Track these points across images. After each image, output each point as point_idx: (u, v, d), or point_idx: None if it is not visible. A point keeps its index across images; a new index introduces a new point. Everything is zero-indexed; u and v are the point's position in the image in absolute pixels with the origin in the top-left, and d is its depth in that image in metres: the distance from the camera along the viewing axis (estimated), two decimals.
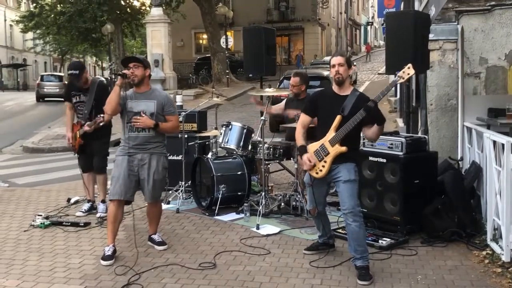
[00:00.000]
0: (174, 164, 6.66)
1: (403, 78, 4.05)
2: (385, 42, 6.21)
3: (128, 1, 33.06)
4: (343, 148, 4.17)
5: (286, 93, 6.63)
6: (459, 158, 6.12)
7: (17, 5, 48.45)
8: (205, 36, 34.06)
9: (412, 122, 7.91)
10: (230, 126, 6.27)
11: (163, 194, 6.13)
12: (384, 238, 4.91)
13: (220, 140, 6.32)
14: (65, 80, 27.99)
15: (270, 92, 6.18)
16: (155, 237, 5.03)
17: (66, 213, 6.18)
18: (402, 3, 12.29)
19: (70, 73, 5.94)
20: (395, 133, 5.54)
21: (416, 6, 8.45)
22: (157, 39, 24.78)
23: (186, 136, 6.64)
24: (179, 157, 6.70)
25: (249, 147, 6.27)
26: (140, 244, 5.03)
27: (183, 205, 6.32)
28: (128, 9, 32.95)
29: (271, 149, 6.20)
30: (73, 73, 5.86)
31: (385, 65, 5.96)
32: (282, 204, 6.03)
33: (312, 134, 4.45)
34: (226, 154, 6.68)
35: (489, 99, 6.50)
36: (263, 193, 5.90)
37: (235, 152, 6.34)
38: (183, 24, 32.08)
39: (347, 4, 54.92)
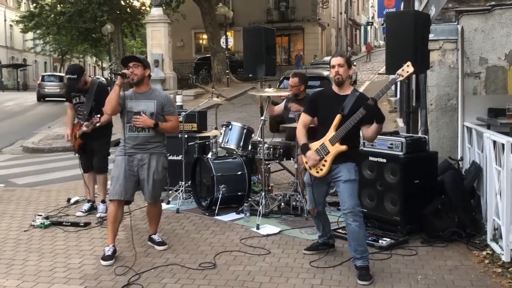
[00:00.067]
0: (174, 164, 6.67)
1: (403, 76, 4.05)
2: (385, 42, 6.20)
3: (128, 1, 33.05)
4: (343, 147, 4.17)
5: (286, 93, 6.62)
6: (459, 158, 6.12)
7: (17, 5, 48.45)
8: (205, 36, 34.07)
9: (412, 122, 7.91)
10: (230, 126, 6.27)
11: (164, 195, 6.14)
12: (384, 238, 4.91)
13: (220, 140, 6.32)
14: (65, 81, 28.03)
15: (270, 92, 6.18)
16: (155, 237, 5.03)
17: (66, 213, 6.18)
18: (402, 3, 12.30)
19: (68, 77, 5.89)
20: (395, 133, 5.54)
21: (416, 6, 8.45)
22: (157, 39, 24.78)
23: (186, 136, 6.64)
24: (179, 157, 6.70)
25: (249, 147, 6.27)
26: (140, 244, 5.04)
27: (183, 205, 6.32)
28: (128, 9, 32.94)
29: (271, 149, 6.20)
30: (71, 77, 5.83)
31: (385, 65, 5.95)
32: (282, 204, 6.04)
33: (312, 134, 4.45)
34: (226, 154, 6.68)
35: (489, 99, 6.50)
36: (263, 193, 5.90)
37: (235, 152, 6.34)
38: (183, 24, 32.07)
39: (347, 4, 54.92)
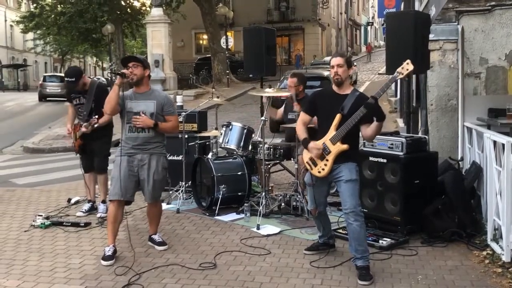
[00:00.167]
0: (175, 164, 6.67)
1: (402, 74, 4.05)
2: (385, 42, 6.21)
3: (128, 2, 33.08)
4: (345, 146, 4.17)
5: (286, 93, 6.62)
6: (459, 158, 6.12)
7: (17, 5, 48.43)
8: (205, 36, 34.08)
9: (413, 122, 7.90)
10: (230, 126, 6.27)
11: (165, 195, 6.14)
12: (385, 238, 4.91)
13: (221, 141, 6.33)
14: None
15: (270, 92, 6.18)
16: (156, 237, 5.03)
17: (67, 213, 6.18)
18: (402, 3, 12.29)
19: (67, 80, 5.87)
20: (396, 133, 5.54)
21: (417, 6, 8.46)
22: (158, 40, 24.79)
23: (186, 136, 6.65)
24: (180, 158, 6.71)
25: (250, 147, 6.27)
26: (141, 244, 5.04)
27: (184, 205, 6.32)
28: (129, 9, 32.96)
29: (272, 150, 6.20)
30: (69, 80, 5.81)
31: (386, 66, 5.96)
32: (283, 204, 6.04)
33: (312, 135, 4.45)
34: (227, 155, 6.68)
35: (489, 99, 6.51)
36: (263, 193, 5.90)
37: (235, 153, 6.34)
38: (183, 24, 32.06)
39: (347, 4, 54.91)
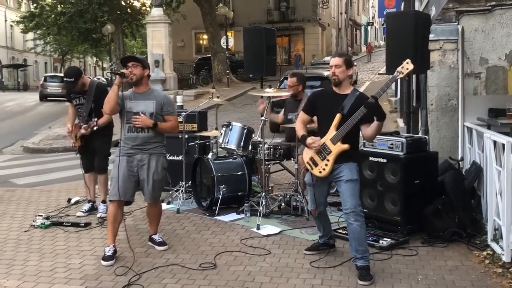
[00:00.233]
0: (175, 164, 6.67)
1: (402, 73, 4.04)
2: (386, 42, 6.21)
3: (128, 2, 33.09)
4: (345, 146, 4.16)
5: (286, 93, 6.62)
6: (459, 158, 6.12)
7: (17, 5, 48.45)
8: (205, 36, 34.07)
9: (413, 122, 7.91)
10: (230, 127, 6.27)
11: (165, 195, 6.14)
12: (385, 238, 4.91)
13: (221, 141, 6.32)
14: None
15: (270, 92, 6.18)
16: (156, 237, 5.03)
17: (67, 214, 6.17)
18: (403, 3, 12.29)
19: (66, 80, 5.86)
20: (396, 133, 5.54)
21: (417, 6, 8.46)
22: (158, 40, 24.78)
23: (186, 136, 6.65)
24: (180, 158, 6.70)
25: (250, 147, 6.27)
26: (141, 244, 5.04)
27: (184, 205, 6.32)
28: (129, 9, 32.98)
29: (272, 150, 6.20)
30: (68, 80, 5.80)
31: (386, 65, 5.96)
32: (283, 204, 6.04)
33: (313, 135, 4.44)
34: (227, 155, 6.68)
35: (490, 99, 6.50)
36: (263, 194, 5.90)
37: (235, 153, 6.34)
38: (183, 24, 32.06)
39: (347, 4, 54.91)
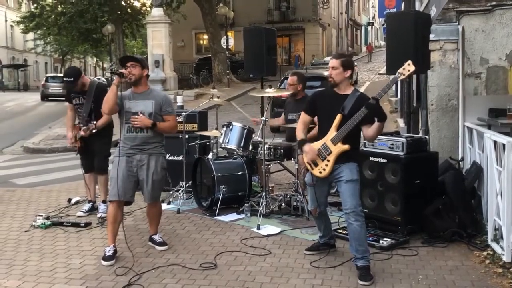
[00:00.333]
0: (175, 164, 6.67)
1: (404, 74, 4.04)
2: (386, 42, 6.21)
3: (128, 2, 33.10)
4: (346, 146, 4.16)
5: (286, 93, 6.63)
6: (459, 158, 6.12)
7: (17, 5, 48.46)
8: (205, 36, 34.07)
9: (413, 122, 7.91)
10: (230, 127, 6.27)
11: (165, 195, 6.13)
12: (385, 239, 4.91)
13: (221, 141, 6.32)
14: None
15: (270, 92, 6.18)
16: (156, 237, 5.02)
17: (67, 214, 6.17)
18: (403, 3, 12.28)
19: (65, 80, 5.86)
20: (396, 133, 5.54)
21: (417, 6, 8.46)
22: (158, 40, 24.79)
23: (186, 136, 6.64)
24: (180, 158, 6.70)
25: (250, 147, 6.27)
26: (141, 244, 5.04)
27: (184, 205, 6.32)
28: (129, 9, 33.00)
29: (272, 150, 6.19)
30: (68, 80, 5.80)
31: (386, 66, 5.96)
32: (283, 204, 6.03)
33: (314, 140, 4.43)
34: (227, 155, 6.68)
35: (490, 99, 6.50)
36: (263, 194, 5.90)
37: (235, 153, 6.34)
38: (183, 24, 32.06)
39: (347, 4, 54.92)
